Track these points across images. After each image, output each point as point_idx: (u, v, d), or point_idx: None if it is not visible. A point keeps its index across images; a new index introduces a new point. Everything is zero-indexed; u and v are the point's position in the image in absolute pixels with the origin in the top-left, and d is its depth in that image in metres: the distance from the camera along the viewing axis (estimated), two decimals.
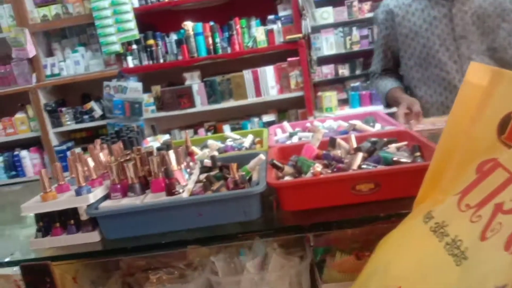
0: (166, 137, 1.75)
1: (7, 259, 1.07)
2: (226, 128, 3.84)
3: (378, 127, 1.51)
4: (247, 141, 1.57)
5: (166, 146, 1.25)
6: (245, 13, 3.82)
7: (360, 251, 1.03)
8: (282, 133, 1.70)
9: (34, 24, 3.75)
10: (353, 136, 1.25)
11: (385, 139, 1.29)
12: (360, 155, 1.11)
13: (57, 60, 3.90)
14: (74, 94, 4.09)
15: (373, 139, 1.30)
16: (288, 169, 1.13)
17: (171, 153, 1.11)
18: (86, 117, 3.90)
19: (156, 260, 1.18)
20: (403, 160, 1.10)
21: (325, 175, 1.00)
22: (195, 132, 3.94)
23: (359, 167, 1.08)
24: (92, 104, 3.89)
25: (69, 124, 3.91)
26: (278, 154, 1.31)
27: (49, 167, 3.97)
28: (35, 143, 3.98)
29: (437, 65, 1.87)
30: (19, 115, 3.94)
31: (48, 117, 3.87)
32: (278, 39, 3.74)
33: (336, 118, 1.76)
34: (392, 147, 1.26)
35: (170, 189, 1.05)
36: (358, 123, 1.59)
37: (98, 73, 3.84)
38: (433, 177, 0.80)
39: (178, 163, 1.14)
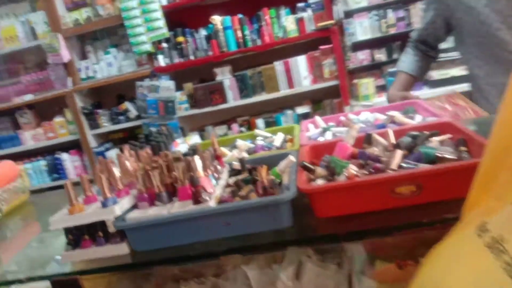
0: (196, 138, 1.71)
1: (38, 273, 1.06)
2: (260, 122, 3.79)
3: (418, 118, 1.40)
4: (278, 139, 1.50)
5: (193, 150, 1.20)
6: (274, 2, 3.73)
7: (402, 260, 0.95)
8: (315, 128, 1.62)
9: (67, 29, 3.82)
10: (391, 131, 1.15)
11: (427, 132, 1.19)
12: (399, 153, 1.02)
13: (91, 63, 3.97)
14: (109, 95, 4.16)
15: (414, 132, 1.20)
16: (320, 170, 1.06)
17: (197, 159, 1.06)
18: (121, 118, 3.95)
19: (187, 269, 1.15)
20: (447, 156, 1.00)
21: (360, 178, 0.91)
22: (229, 128, 3.91)
23: (399, 166, 0.99)
24: (127, 104, 3.94)
25: (106, 126, 3.98)
26: (310, 153, 1.23)
27: (89, 169, 4.07)
28: (74, 146, 4.09)
29: (498, 44, 1.70)
30: (58, 119, 4.05)
31: (85, 119, 3.96)
32: (309, 27, 3.63)
33: (372, 110, 1.65)
34: (435, 141, 1.15)
35: (196, 198, 1.01)
36: (396, 114, 1.48)
37: (131, 73, 3.88)
38: (485, 179, 0.70)
39: (205, 168, 1.09)
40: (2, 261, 1.41)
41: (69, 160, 4.07)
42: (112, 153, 3.94)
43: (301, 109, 3.80)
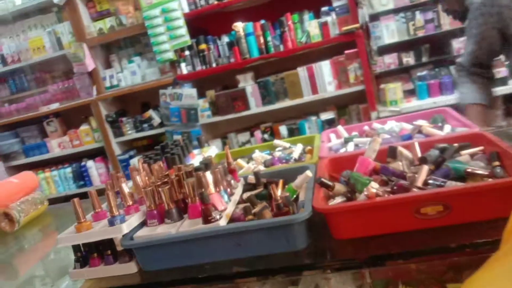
0: (213, 149, 1.67)
1: None
2: (283, 129, 3.72)
3: (447, 128, 1.31)
4: (297, 151, 1.44)
5: (205, 165, 1.15)
6: (297, 7, 3.66)
7: (427, 286, 0.86)
8: (336, 139, 1.54)
9: (91, 38, 3.87)
10: (416, 144, 1.07)
11: (456, 145, 1.10)
12: (425, 169, 0.94)
13: (115, 72, 4.01)
14: (133, 103, 4.19)
15: (442, 145, 1.11)
16: (339, 187, 0.99)
17: (208, 175, 1.01)
18: (145, 125, 3.97)
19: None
20: (478, 172, 0.91)
21: (382, 198, 0.84)
22: (252, 135, 3.86)
23: (425, 183, 0.91)
24: (151, 112, 3.95)
25: (130, 134, 4.00)
26: (329, 166, 1.16)
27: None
28: (99, 153, 4.14)
29: None
30: (84, 127, 4.11)
31: (110, 127, 4.00)
32: (333, 32, 3.54)
33: (398, 119, 1.57)
34: (465, 154, 1.06)
35: (206, 216, 0.95)
36: (424, 123, 1.39)
37: (154, 81, 3.89)
38: None
39: (217, 184, 1.04)
40: (17, 275, 1.41)
41: (94, 167, 4.11)
42: (136, 161, 3.95)
43: (326, 115, 3.70)
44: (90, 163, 4.11)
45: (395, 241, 0.82)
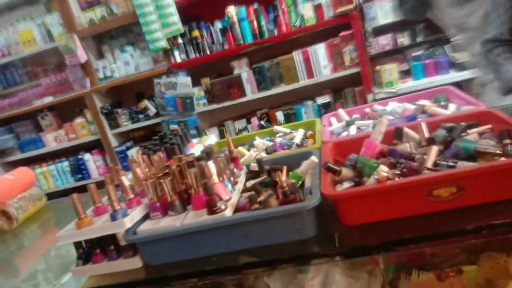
0: (212, 138, 1.63)
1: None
2: (279, 115, 3.69)
3: (452, 107, 1.28)
4: (298, 136, 1.41)
5: (206, 154, 1.12)
6: None
7: (442, 270, 0.84)
8: (338, 122, 1.51)
9: (82, 29, 3.79)
10: (424, 124, 1.04)
11: (464, 124, 1.07)
12: (434, 149, 0.91)
13: (108, 63, 3.94)
14: (128, 94, 4.13)
15: (448, 124, 1.08)
16: (346, 171, 0.96)
17: (211, 164, 0.98)
18: (141, 116, 3.92)
19: (207, 281, 1.07)
20: (490, 150, 0.89)
21: (393, 182, 0.81)
22: (248, 122, 3.82)
23: (435, 164, 0.89)
24: (146, 102, 3.90)
25: (126, 125, 3.95)
26: (333, 151, 1.13)
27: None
28: (96, 146, 4.09)
29: None
30: (79, 120, 4.05)
31: (105, 119, 3.95)
32: (328, 14, 3.48)
33: (400, 99, 1.54)
34: (473, 133, 1.04)
35: (211, 207, 0.92)
36: (427, 103, 1.36)
37: (148, 71, 3.83)
38: None
39: (220, 174, 1.01)
40: (18, 274, 1.38)
41: (91, 160, 4.07)
42: (133, 152, 3.91)
43: (322, 99, 3.67)
44: (87, 156, 4.07)
45: (408, 225, 0.80)
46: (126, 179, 1.03)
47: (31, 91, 4.16)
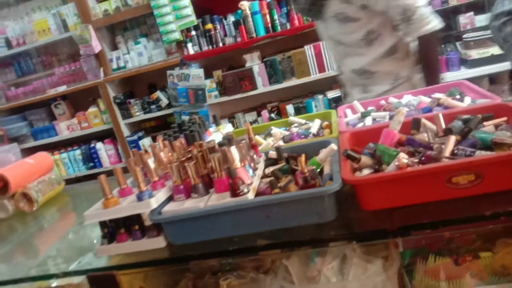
0: (229, 126, 1.67)
1: (74, 268, 1.05)
2: (290, 108, 3.71)
3: (467, 100, 1.30)
4: (314, 126, 1.44)
5: (228, 140, 1.15)
6: None
7: (458, 255, 0.87)
8: (353, 114, 1.53)
9: (97, 20, 3.84)
10: (441, 115, 1.06)
11: (480, 116, 1.09)
12: (452, 139, 0.94)
13: (122, 53, 3.99)
14: (140, 85, 4.17)
15: (465, 116, 1.11)
16: (365, 159, 0.99)
17: (233, 150, 1.02)
18: (153, 107, 3.96)
19: (226, 263, 1.11)
20: (506, 141, 0.91)
21: (414, 168, 0.84)
22: (258, 114, 3.85)
23: (453, 153, 0.91)
24: (158, 93, 3.94)
25: (138, 115, 4.00)
26: (351, 140, 1.16)
27: (123, 157, 4.12)
28: (108, 135, 4.15)
29: None
30: (92, 109, 4.11)
31: (118, 109, 4.00)
32: None
33: (415, 93, 1.56)
34: (489, 125, 1.06)
35: (234, 190, 0.96)
36: (443, 97, 1.38)
37: (161, 62, 3.87)
38: None
39: (241, 159, 1.04)
40: (38, 253, 1.42)
41: (103, 149, 4.13)
42: (145, 142, 3.96)
43: (332, 93, 3.69)
44: (99, 145, 4.13)
45: (426, 211, 0.83)
46: (152, 162, 1.06)
47: (45, 80, 4.22)
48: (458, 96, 1.40)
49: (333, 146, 1.05)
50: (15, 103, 4.22)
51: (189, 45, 3.69)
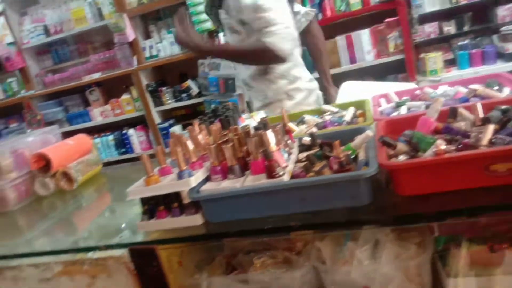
0: (261, 114, 1.69)
1: (116, 241, 1.10)
2: None
3: (506, 91, 1.28)
4: (348, 114, 1.45)
5: (263, 125, 1.18)
6: None
7: (494, 242, 0.87)
8: (387, 103, 1.53)
9: (131, 9, 3.92)
10: (479, 104, 1.06)
11: None
12: (491, 128, 0.93)
13: (154, 42, 4.06)
14: (172, 73, 4.25)
15: (503, 106, 1.10)
16: (401, 146, 0.99)
17: (270, 133, 1.04)
18: (184, 95, 4.03)
19: (259, 242, 1.14)
20: None
21: (453, 155, 0.85)
22: None
23: (490, 142, 0.91)
24: (189, 82, 4.00)
25: (169, 103, 4.08)
26: (386, 128, 1.17)
27: (153, 144, 4.22)
28: (140, 122, 4.25)
29: None
30: (125, 97, 4.21)
31: (150, 97, 4.09)
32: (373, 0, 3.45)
33: (451, 83, 1.54)
34: None
35: (270, 172, 0.99)
36: (480, 87, 1.37)
37: None
38: None
39: (277, 143, 1.07)
40: (78, 228, 1.50)
41: (135, 136, 4.24)
42: (176, 129, 4.04)
43: None
44: (131, 131, 4.24)
45: (463, 197, 0.84)
46: (191, 143, 1.10)
47: (81, 67, 4.35)
48: (496, 88, 1.38)
49: (369, 132, 1.06)
50: (52, 89, 4.37)
51: (220, 34, 3.72)
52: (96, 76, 4.21)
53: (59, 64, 4.51)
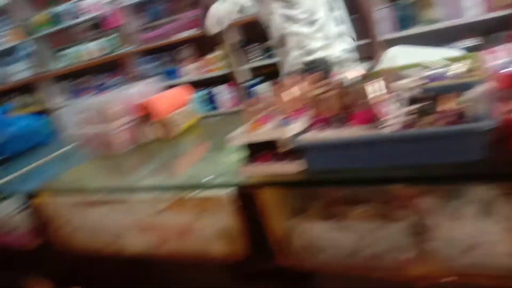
0: (360, 68, 1.65)
1: (219, 181, 1.17)
2: None
3: None
4: (458, 67, 1.35)
5: (366, 77, 1.15)
6: None
7: None
8: (498, 59, 1.41)
9: None
10: None
11: None
12: None
13: None
14: (261, 31, 4.24)
15: None
16: None
17: (376, 83, 1.02)
18: (271, 53, 4.03)
19: (358, 194, 1.14)
20: None
21: None
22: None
23: None
24: None
25: (258, 60, 4.12)
26: (501, 83, 1.08)
27: (242, 101, 4.31)
28: (228, 79, 4.36)
29: None
30: (214, 54, 4.33)
31: (238, 54, 4.15)
32: None
33: None
34: None
35: (374, 123, 0.97)
36: None
37: None
38: None
39: (381, 94, 1.04)
40: (181, 171, 1.61)
41: (224, 92, 4.37)
42: (263, 87, 4.08)
43: (466, 44, 3.36)
44: (219, 88, 4.37)
45: None
46: (295, 91, 1.12)
47: (171, 25, 4.51)
48: None
49: (484, 86, 0.99)
50: (146, 46, 4.61)
51: None
52: (185, 34, 4.35)
53: (152, 22, 4.71)
